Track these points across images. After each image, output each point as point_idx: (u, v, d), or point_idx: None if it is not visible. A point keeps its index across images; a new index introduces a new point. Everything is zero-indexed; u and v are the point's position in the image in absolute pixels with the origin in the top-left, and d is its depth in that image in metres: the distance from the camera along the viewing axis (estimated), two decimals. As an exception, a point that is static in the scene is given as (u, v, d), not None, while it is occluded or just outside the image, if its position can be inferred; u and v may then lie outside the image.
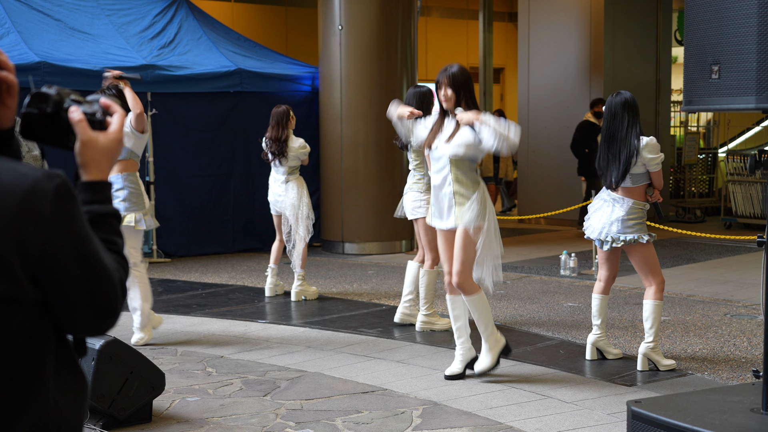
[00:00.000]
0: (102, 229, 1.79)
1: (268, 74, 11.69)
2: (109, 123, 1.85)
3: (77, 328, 1.75)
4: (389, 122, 11.50)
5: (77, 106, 1.79)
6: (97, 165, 1.81)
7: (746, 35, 3.68)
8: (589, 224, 6.23)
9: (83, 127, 1.79)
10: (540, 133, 14.56)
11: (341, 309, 8.22)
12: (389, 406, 5.32)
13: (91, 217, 1.78)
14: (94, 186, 1.81)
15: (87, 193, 1.80)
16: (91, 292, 1.68)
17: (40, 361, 1.70)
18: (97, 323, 1.73)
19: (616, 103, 6.02)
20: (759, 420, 3.66)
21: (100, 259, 1.69)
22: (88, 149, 1.80)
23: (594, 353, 6.28)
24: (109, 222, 1.81)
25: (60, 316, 1.71)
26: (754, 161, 3.99)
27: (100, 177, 1.81)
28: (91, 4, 11.58)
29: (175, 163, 11.16)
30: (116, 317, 1.74)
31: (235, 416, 5.16)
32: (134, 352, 5.03)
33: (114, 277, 1.72)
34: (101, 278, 1.69)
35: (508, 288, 9.16)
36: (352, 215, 11.58)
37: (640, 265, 6.06)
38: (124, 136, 7.73)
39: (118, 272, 1.75)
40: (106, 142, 1.82)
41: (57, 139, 1.79)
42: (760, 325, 7.30)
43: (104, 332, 1.76)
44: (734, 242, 11.98)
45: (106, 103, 1.85)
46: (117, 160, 1.86)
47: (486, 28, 16.68)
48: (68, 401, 1.75)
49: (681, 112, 15.91)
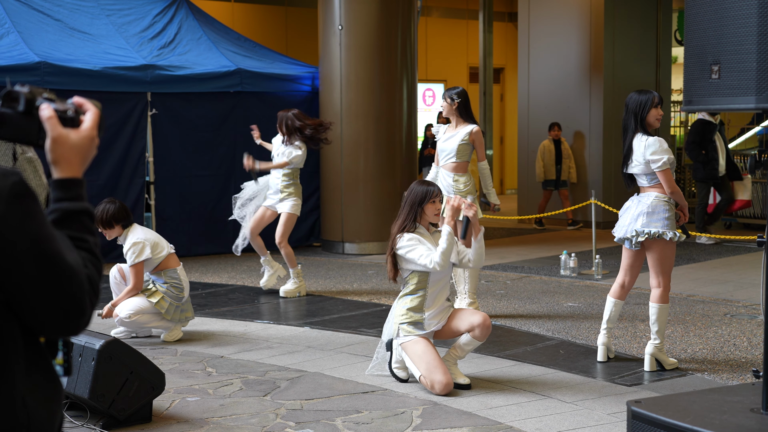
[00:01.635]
0: (72, 227, 1.76)
1: (268, 74, 11.69)
2: (82, 121, 1.83)
3: (45, 328, 1.71)
4: (389, 122, 11.57)
5: (49, 103, 1.78)
6: (68, 162, 1.79)
7: (746, 35, 3.68)
8: (617, 225, 6.19)
9: (53, 124, 1.77)
10: (540, 133, 14.56)
11: (341, 309, 8.22)
12: (389, 406, 5.32)
13: (61, 214, 1.75)
14: (65, 183, 1.78)
15: (58, 191, 1.78)
16: (53, 292, 1.64)
17: (5, 360, 1.67)
18: (65, 323, 1.69)
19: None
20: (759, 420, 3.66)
21: (61, 258, 1.65)
22: (59, 146, 1.78)
23: (605, 354, 6.27)
24: (80, 219, 1.78)
25: (24, 316, 1.68)
26: (754, 161, 3.99)
27: (72, 174, 1.79)
28: (91, 4, 11.58)
29: (175, 163, 11.16)
30: (85, 317, 1.70)
31: (235, 416, 5.16)
32: (134, 352, 5.03)
33: (80, 276, 1.68)
34: (62, 278, 1.65)
35: (508, 288, 9.17)
36: (352, 215, 11.58)
37: (656, 262, 5.99)
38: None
39: (87, 270, 1.72)
40: (77, 139, 1.80)
41: (28, 137, 1.78)
42: (760, 325, 7.30)
43: (75, 333, 1.72)
44: (734, 242, 11.98)
45: (80, 102, 1.84)
46: (90, 158, 1.83)
47: (486, 28, 16.68)
48: (38, 403, 1.72)
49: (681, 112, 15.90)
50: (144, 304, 6.82)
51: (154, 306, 6.82)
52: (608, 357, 6.27)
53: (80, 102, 1.84)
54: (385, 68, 11.49)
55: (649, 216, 5.92)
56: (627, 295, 6.29)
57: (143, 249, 6.74)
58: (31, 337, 1.73)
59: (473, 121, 7.57)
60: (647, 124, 5.99)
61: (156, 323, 6.92)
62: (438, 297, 5.71)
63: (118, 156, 10.69)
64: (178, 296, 6.90)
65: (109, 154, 10.61)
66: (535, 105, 14.72)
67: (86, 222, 1.80)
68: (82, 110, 1.83)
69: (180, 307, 6.93)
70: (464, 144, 7.44)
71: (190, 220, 11.27)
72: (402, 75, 11.63)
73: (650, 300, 6.06)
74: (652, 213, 5.92)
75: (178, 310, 6.92)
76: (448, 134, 7.54)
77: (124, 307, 6.77)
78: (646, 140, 5.92)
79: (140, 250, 6.73)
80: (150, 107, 10.83)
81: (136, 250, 6.73)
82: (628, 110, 6.01)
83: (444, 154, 7.52)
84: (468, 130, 7.45)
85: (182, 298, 6.93)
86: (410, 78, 11.75)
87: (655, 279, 6.03)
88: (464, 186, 7.46)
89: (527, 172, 14.86)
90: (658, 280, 6.02)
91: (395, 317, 5.76)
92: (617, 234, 6.13)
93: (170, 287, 6.88)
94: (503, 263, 10.73)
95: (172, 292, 6.88)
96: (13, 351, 1.69)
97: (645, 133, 5.95)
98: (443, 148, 7.52)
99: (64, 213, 1.77)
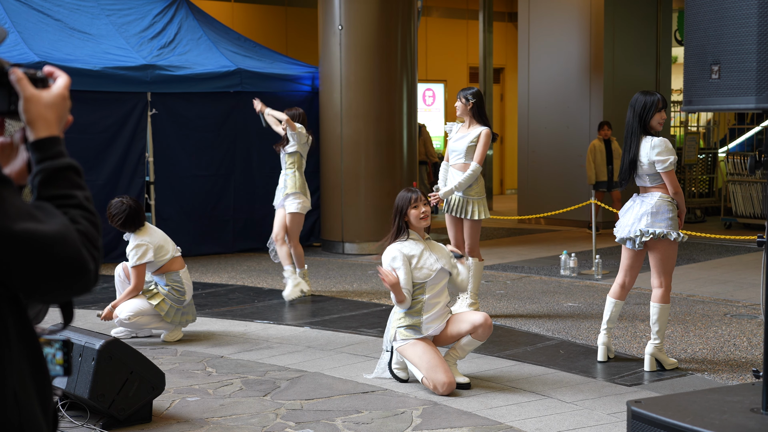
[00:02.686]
0: (57, 185, 1.75)
1: (268, 74, 11.69)
2: (54, 79, 1.84)
3: (53, 298, 1.71)
4: (389, 122, 11.57)
5: (17, 68, 1.79)
6: (45, 120, 1.78)
7: (746, 35, 3.68)
8: (618, 224, 6.18)
9: (25, 84, 1.77)
10: (540, 133, 14.56)
11: (341, 309, 8.22)
12: (389, 406, 5.32)
13: (45, 175, 1.74)
14: (44, 143, 1.77)
15: (38, 153, 1.76)
16: (42, 265, 1.64)
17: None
18: (69, 286, 1.68)
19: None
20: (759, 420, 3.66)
21: (38, 232, 1.63)
22: (32, 104, 1.77)
23: (605, 354, 6.27)
24: (65, 176, 1.77)
25: (26, 293, 1.68)
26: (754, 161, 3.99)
27: (49, 133, 1.78)
28: (91, 4, 11.58)
29: (175, 163, 11.16)
30: (88, 272, 1.69)
31: (235, 416, 5.16)
32: (134, 352, 5.03)
33: (69, 237, 1.67)
34: (44, 249, 1.63)
35: (508, 288, 9.17)
36: (352, 215, 11.58)
37: (658, 262, 6.00)
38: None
39: (80, 225, 1.71)
40: (50, 97, 1.80)
41: (0, 106, 1.78)
42: (760, 325, 7.30)
43: (86, 290, 1.71)
44: (734, 242, 11.98)
45: (50, 70, 1.85)
46: (65, 118, 1.82)
47: (486, 28, 16.67)
48: (29, 396, 1.71)
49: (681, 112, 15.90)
50: (144, 306, 6.81)
51: (154, 308, 6.82)
52: (608, 357, 6.27)
53: (50, 70, 1.85)
54: (385, 68, 11.49)
55: (653, 216, 5.93)
56: (627, 295, 6.29)
57: (146, 252, 6.73)
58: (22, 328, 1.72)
59: (486, 123, 7.60)
60: (650, 128, 6.00)
61: (156, 324, 6.91)
62: (435, 302, 5.72)
63: (118, 156, 10.69)
64: (179, 299, 6.90)
65: (109, 154, 10.61)
66: (535, 105, 14.72)
67: (72, 177, 1.78)
68: (53, 77, 1.84)
69: (181, 309, 6.92)
70: (473, 145, 7.49)
71: (190, 220, 11.26)
72: (402, 75, 11.63)
73: (651, 300, 6.06)
74: (656, 213, 5.93)
75: (179, 312, 6.92)
76: (459, 134, 7.59)
77: (124, 308, 6.77)
78: (652, 141, 5.94)
79: (143, 252, 6.73)
80: (150, 107, 10.83)
81: (138, 252, 6.72)
82: (634, 112, 6.01)
83: (454, 153, 7.57)
84: (479, 131, 7.50)
85: (183, 301, 6.93)
86: (410, 78, 11.75)
87: (656, 279, 6.04)
88: (473, 186, 7.54)
89: (527, 172, 14.86)
90: (660, 280, 6.02)
91: (393, 322, 5.78)
92: (619, 234, 6.12)
93: (172, 290, 6.88)
94: (503, 263, 10.73)
95: (173, 295, 6.88)
96: (5, 344, 1.68)
97: (649, 135, 5.98)
98: (454, 147, 7.58)
99: (48, 172, 1.75)
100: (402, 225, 5.75)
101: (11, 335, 1.70)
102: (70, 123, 1.86)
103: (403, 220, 5.74)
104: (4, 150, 1.85)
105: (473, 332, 5.63)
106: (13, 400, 1.68)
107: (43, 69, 1.85)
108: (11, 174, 1.82)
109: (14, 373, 1.69)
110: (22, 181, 1.83)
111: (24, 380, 1.71)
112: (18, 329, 1.72)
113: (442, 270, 5.72)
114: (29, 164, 1.80)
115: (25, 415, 1.70)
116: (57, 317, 1.83)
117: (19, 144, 1.84)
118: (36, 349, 1.76)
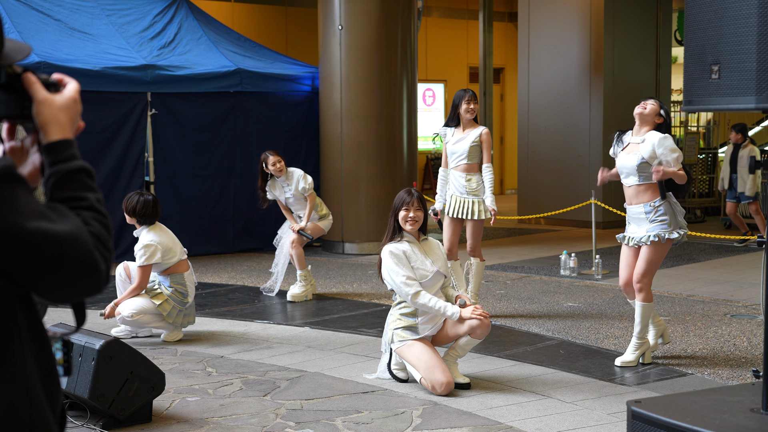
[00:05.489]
0: (72, 187, 1.77)
1: (268, 74, 11.69)
2: (64, 86, 1.86)
3: (64, 298, 1.73)
4: (389, 122, 11.57)
5: (29, 73, 1.81)
6: (58, 123, 1.80)
7: (746, 35, 3.68)
8: (628, 231, 6.22)
9: (38, 88, 1.79)
10: (540, 133, 14.56)
11: (341, 309, 8.22)
12: (389, 406, 5.32)
13: (58, 177, 1.76)
14: (57, 146, 1.79)
15: (51, 155, 1.78)
16: (53, 265, 1.65)
17: (8, 349, 1.68)
18: (80, 286, 1.70)
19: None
20: (759, 420, 3.66)
21: (51, 232, 1.65)
22: (46, 107, 1.79)
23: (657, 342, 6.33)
24: (78, 178, 1.79)
25: (39, 293, 1.70)
26: (754, 161, 4.00)
27: (62, 136, 1.80)
28: (91, 4, 11.58)
29: (175, 163, 11.16)
30: (99, 273, 1.71)
31: (235, 416, 5.16)
32: (134, 352, 5.03)
33: (80, 238, 1.68)
34: (55, 250, 1.64)
35: (508, 288, 9.17)
36: (352, 215, 11.58)
37: (649, 262, 6.05)
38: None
39: (91, 227, 1.73)
40: (62, 100, 1.82)
41: (14, 110, 1.80)
42: (760, 325, 7.30)
43: (97, 290, 1.73)
44: (734, 242, 11.97)
45: (60, 77, 1.87)
46: (77, 121, 1.84)
47: (486, 28, 16.67)
48: (38, 393, 1.72)
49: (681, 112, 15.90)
50: (147, 305, 6.82)
51: (157, 308, 6.82)
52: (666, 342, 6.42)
53: (60, 77, 1.88)
54: (385, 68, 11.49)
55: (660, 219, 6.00)
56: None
57: (154, 252, 6.75)
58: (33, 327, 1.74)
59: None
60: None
61: (157, 324, 6.92)
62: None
63: (118, 156, 10.69)
64: (182, 301, 6.91)
65: (109, 154, 10.61)
66: (535, 105, 14.72)
67: (85, 180, 1.80)
68: (63, 84, 1.87)
69: (183, 311, 6.93)
70: (475, 146, 7.52)
71: (190, 220, 11.26)
72: (402, 75, 11.63)
73: (636, 299, 6.12)
74: (661, 215, 6.00)
75: (181, 314, 6.92)
76: (457, 137, 7.60)
77: (127, 305, 6.78)
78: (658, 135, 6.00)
79: (151, 253, 6.74)
80: (150, 107, 10.83)
81: (147, 252, 6.74)
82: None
83: (455, 156, 7.58)
84: (478, 132, 7.53)
85: (186, 303, 6.93)
86: (410, 78, 11.75)
87: (642, 278, 6.07)
88: (476, 185, 7.56)
89: (527, 172, 14.86)
90: (644, 281, 6.07)
91: (390, 324, 5.79)
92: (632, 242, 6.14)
93: (175, 291, 6.89)
94: (503, 263, 10.73)
95: (176, 296, 6.89)
96: (17, 341, 1.70)
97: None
98: (454, 150, 7.58)
99: (61, 175, 1.77)
100: (396, 225, 5.75)
101: (23, 333, 1.72)
102: (81, 128, 1.88)
103: (397, 220, 5.76)
104: (15, 154, 1.86)
105: (471, 333, 5.64)
106: (25, 395, 1.70)
107: (53, 75, 1.87)
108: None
109: (27, 370, 1.71)
110: (34, 183, 1.84)
111: (35, 378, 1.73)
112: (30, 328, 1.73)
113: (437, 273, 5.72)
114: (42, 167, 1.81)
115: (35, 411, 1.71)
116: (57, 317, 1.83)
117: (30, 148, 1.85)
118: (46, 349, 1.77)
